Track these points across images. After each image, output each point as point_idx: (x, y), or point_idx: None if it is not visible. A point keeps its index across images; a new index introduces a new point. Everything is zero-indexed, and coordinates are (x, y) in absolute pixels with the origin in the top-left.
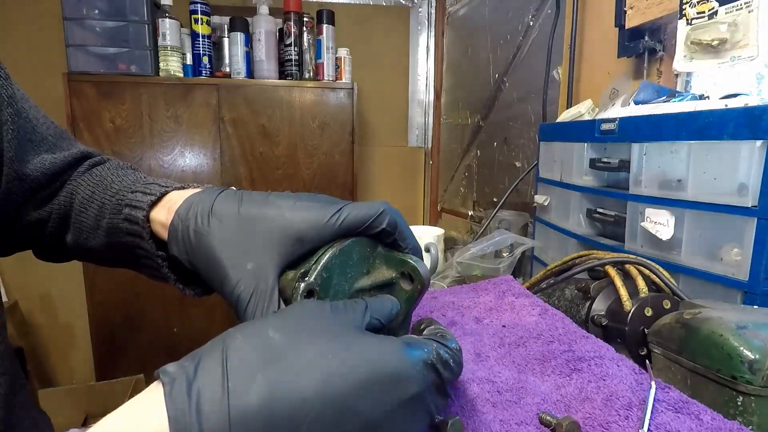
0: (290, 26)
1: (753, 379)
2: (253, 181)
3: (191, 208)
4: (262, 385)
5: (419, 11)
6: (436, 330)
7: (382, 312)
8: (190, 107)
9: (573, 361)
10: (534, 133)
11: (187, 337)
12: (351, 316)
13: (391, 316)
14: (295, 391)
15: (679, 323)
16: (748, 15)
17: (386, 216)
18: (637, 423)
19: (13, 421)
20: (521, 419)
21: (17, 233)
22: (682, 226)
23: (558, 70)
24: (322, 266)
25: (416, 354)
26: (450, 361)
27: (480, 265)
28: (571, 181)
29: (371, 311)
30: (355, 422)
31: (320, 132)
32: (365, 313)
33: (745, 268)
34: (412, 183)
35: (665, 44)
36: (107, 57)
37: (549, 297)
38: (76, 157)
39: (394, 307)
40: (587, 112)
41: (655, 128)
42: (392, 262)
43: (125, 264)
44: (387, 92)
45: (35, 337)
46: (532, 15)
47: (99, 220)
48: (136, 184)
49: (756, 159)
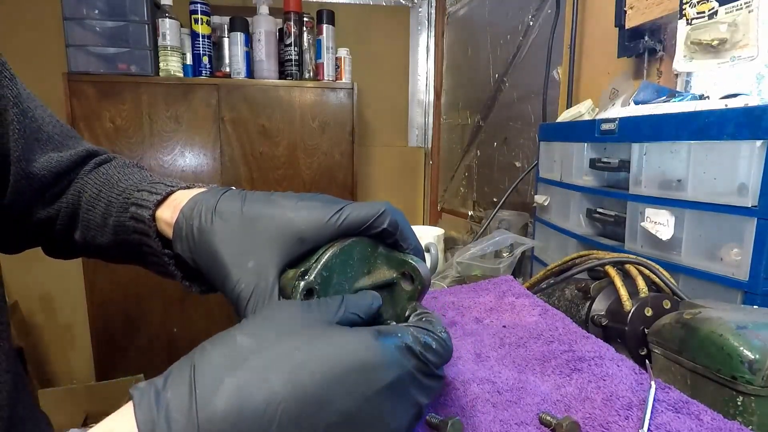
0: (290, 26)
1: (753, 379)
2: (253, 181)
3: (195, 207)
4: (229, 388)
5: (419, 11)
6: (420, 315)
7: (360, 306)
8: (190, 107)
9: (573, 361)
10: (534, 133)
11: (187, 337)
12: (323, 312)
13: (371, 311)
14: (263, 389)
15: (679, 323)
16: (748, 15)
17: (387, 216)
18: (637, 423)
19: (16, 419)
20: (521, 419)
21: (27, 231)
22: (682, 226)
23: (558, 70)
24: (323, 265)
25: (388, 340)
26: (433, 343)
27: (480, 265)
28: (571, 181)
29: (349, 306)
30: (329, 414)
31: (320, 132)
32: (340, 307)
33: (745, 268)
34: (412, 183)
35: (665, 44)
36: (107, 57)
37: (549, 297)
38: (83, 155)
39: (375, 301)
40: (587, 112)
41: (655, 128)
42: (393, 262)
43: (133, 261)
44: (387, 92)
45: (35, 337)
46: (532, 15)
47: (106, 218)
48: (142, 183)
49: (756, 159)
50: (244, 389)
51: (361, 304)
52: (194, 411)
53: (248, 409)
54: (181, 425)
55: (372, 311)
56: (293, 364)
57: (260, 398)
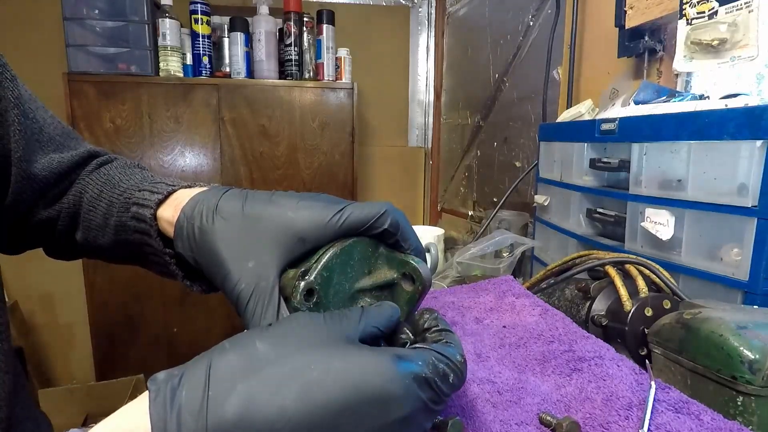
0: (290, 26)
1: (753, 379)
2: (253, 181)
3: (197, 206)
4: (241, 395)
5: (419, 11)
6: (438, 336)
7: (380, 319)
8: (190, 107)
9: (573, 361)
10: (534, 133)
11: (187, 337)
12: (344, 326)
13: (391, 323)
14: (274, 401)
15: (679, 323)
16: (748, 15)
17: (388, 216)
18: (637, 423)
19: (15, 420)
20: (521, 419)
21: (28, 232)
22: (682, 226)
23: (558, 70)
24: (323, 265)
25: (407, 368)
26: (450, 376)
27: (480, 265)
28: (571, 181)
29: (369, 319)
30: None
31: (320, 132)
32: (360, 321)
33: (745, 268)
34: (412, 183)
35: (665, 44)
36: (107, 57)
37: (549, 297)
38: (84, 156)
39: (394, 313)
40: (587, 112)
41: (655, 128)
42: (393, 263)
43: (134, 261)
44: (387, 92)
45: (35, 337)
46: (532, 15)
47: (107, 219)
48: (144, 183)
49: (756, 159)
50: (256, 399)
51: (381, 317)
52: (204, 414)
53: (257, 420)
54: (191, 428)
55: (392, 323)
56: (307, 380)
57: (270, 411)
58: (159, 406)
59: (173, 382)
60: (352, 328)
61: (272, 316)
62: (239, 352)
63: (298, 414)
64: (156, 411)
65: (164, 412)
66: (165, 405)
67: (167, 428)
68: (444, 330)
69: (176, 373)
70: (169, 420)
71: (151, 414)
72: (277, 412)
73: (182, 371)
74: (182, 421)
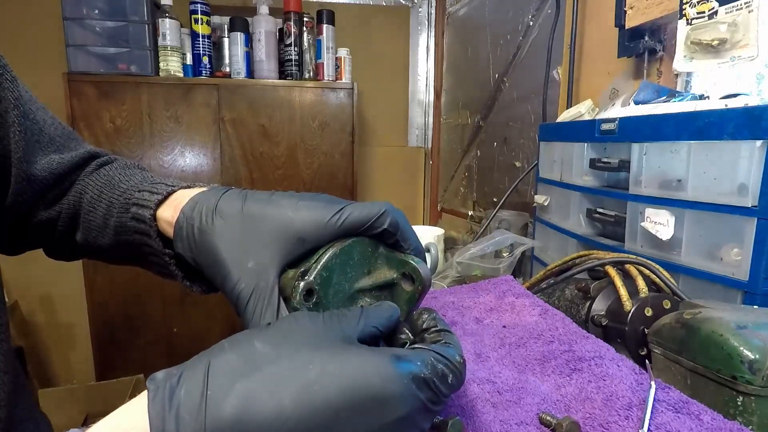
0: (290, 26)
1: (753, 379)
2: (253, 181)
3: (196, 207)
4: (239, 395)
5: (419, 11)
6: (437, 336)
7: (380, 319)
8: (190, 107)
9: (573, 361)
10: (534, 133)
11: (187, 337)
12: (343, 326)
13: (391, 323)
14: (272, 401)
15: (679, 323)
16: (748, 15)
17: (388, 216)
18: (637, 423)
19: (15, 420)
20: (521, 419)
21: (28, 232)
22: (682, 226)
23: (558, 70)
24: (322, 265)
25: (405, 368)
26: (449, 376)
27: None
28: (571, 181)
29: (368, 319)
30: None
31: (320, 132)
32: (359, 321)
33: (745, 268)
34: (412, 183)
35: (665, 44)
36: (107, 57)
37: (549, 297)
38: (84, 157)
39: (394, 313)
40: (587, 112)
41: (655, 128)
42: (393, 263)
43: (134, 262)
44: (387, 92)
45: (35, 337)
46: (532, 15)
47: (107, 219)
48: (144, 183)
49: (756, 159)
50: (254, 398)
51: (381, 317)
52: (203, 413)
53: (255, 420)
54: (189, 427)
55: (391, 323)
56: (306, 380)
57: (267, 410)
58: (157, 405)
59: (172, 381)
60: (351, 328)
61: (272, 316)
62: (238, 352)
63: (296, 413)
64: (154, 410)
65: (163, 411)
66: (163, 404)
67: (165, 427)
68: (443, 330)
69: (175, 373)
70: (167, 419)
71: (150, 413)
72: (275, 412)
73: (181, 370)
74: (181, 420)
